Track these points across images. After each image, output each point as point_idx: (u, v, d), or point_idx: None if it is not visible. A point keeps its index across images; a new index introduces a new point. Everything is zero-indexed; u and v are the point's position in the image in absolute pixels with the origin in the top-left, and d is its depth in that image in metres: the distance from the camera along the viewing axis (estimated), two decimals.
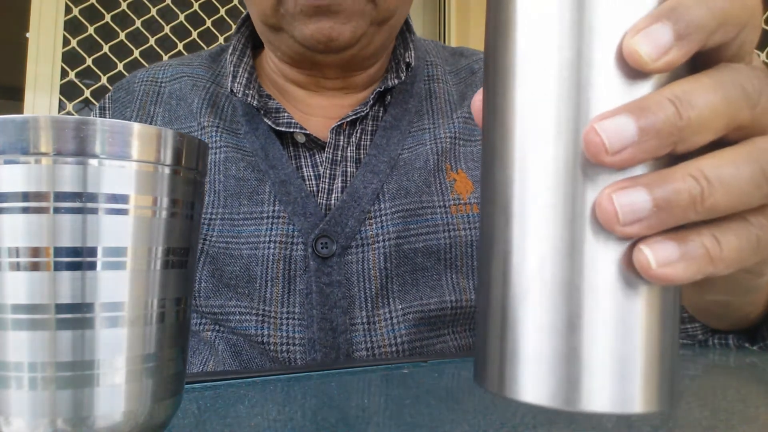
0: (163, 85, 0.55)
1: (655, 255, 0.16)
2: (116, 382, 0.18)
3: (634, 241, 0.16)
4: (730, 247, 0.17)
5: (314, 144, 0.49)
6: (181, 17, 1.57)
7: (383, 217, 0.47)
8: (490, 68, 0.18)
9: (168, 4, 1.56)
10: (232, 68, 0.50)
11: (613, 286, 0.16)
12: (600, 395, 0.16)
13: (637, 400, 0.16)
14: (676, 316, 0.17)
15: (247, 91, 0.49)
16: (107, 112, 0.56)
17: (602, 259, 0.16)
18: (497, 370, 0.17)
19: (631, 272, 0.16)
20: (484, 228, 0.18)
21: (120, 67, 1.49)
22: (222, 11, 1.64)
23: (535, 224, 0.16)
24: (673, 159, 0.17)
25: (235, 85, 0.49)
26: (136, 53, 1.52)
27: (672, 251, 0.16)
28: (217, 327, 0.48)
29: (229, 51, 0.52)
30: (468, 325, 0.49)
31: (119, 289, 0.17)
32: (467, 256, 0.48)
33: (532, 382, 0.16)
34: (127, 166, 0.17)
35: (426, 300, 0.47)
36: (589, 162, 0.16)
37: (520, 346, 0.16)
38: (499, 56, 0.17)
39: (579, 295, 0.16)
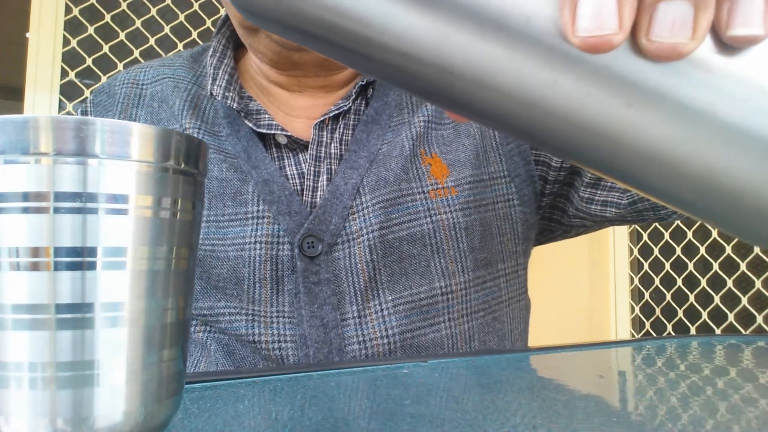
0: (144, 87, 0.55)
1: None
2: (116, 382, 0.18)
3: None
4: None
5: (296, 144, 0.49)
6: (181, 17, 1.57)
7: (365, 211, 0.47)
8: None
9: (168, 4, 1.56)
10: (212, 70, 0.50)
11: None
12: None
13: None
14: None
15: (227, 94, 0.49)
16: (89, 116, 0.55)
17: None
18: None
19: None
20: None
21: (120, 67, 1.49)
22: (222, 11, 1.64)
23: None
24: None
25: (215, 87, 0.49)
26: (136, 53, 1.51)
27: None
28: (207, 328, 0.48)
29: (209, 53, 0.52)
30: (462, 312, 0.49)
31: (119, 289, 0.17)
32: (452, 239, 0.48)
33: None
34: (127, 166, 0.17)
35: (416, 289, 0.47)
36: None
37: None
38: None
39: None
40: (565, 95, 0.16)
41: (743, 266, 1.54)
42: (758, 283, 1.52)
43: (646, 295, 1.77)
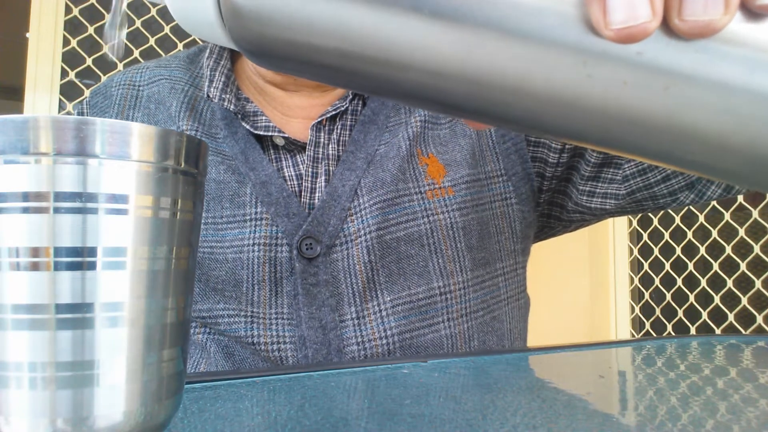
0: (141, 88, 0.55)
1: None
2: (116, 382, 0.18)
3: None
4: None
5: (294, 146, 0.49)
6: None
7: (363, 212, 0.47)
8: None
9: None
10: (208, 72, 0.50)
11: None
12: None
13: None
14: None
15: (223, 96, 0.49)
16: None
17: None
18: None
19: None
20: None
21: (120, 66, 1.49)
22: None
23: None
24: None
25: (212, 89, 0.49)
26: (136, 53, 1.51)
27: None
28: (207, 330, 0.48)
29: (206, 54, 0.52)
30: (461, 312, 0.49)
31: (119, 289, 0.17)
32: (450, 239, 0.48)
33: None
34: (127, 166, 0.17)
35: (414, 289, 0.47)
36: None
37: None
38: None
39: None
40: (601, 88, 0.16)
41: (743, 266, 1.54)
42: (758, 283, 1.52)
43: (646, 295, 1.77)
